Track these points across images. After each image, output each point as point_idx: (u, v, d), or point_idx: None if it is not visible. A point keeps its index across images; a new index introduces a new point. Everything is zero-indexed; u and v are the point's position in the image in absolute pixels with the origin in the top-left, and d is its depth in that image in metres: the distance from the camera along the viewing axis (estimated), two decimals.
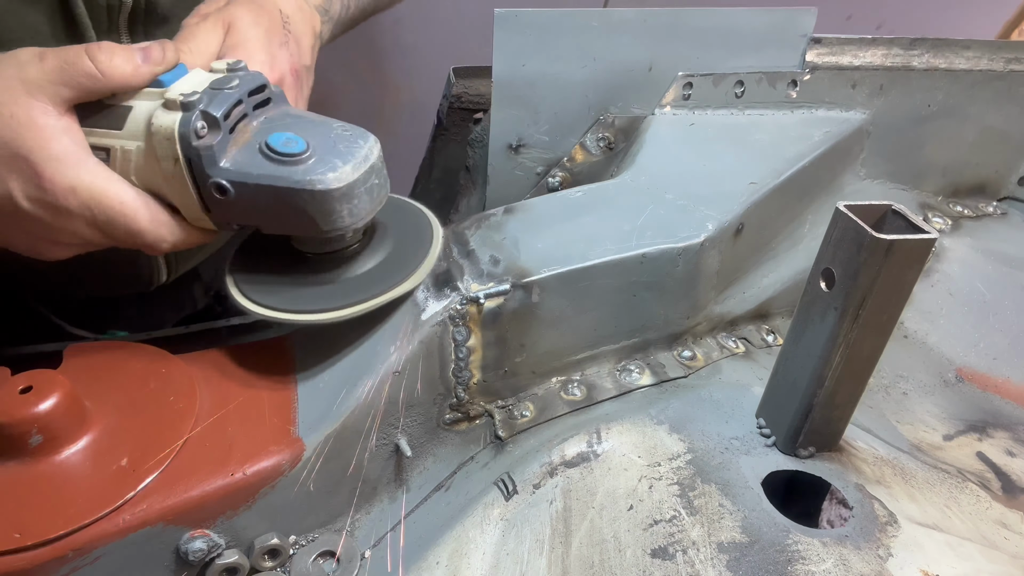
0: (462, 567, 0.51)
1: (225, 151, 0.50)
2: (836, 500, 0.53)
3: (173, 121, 0.49)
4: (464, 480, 0.59)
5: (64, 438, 0.48)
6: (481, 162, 0.83)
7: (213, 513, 0.49)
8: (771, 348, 0.73)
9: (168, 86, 0.52)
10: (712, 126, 0.79)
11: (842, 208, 0.45)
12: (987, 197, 0.93)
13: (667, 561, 0.48)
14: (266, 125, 0.53)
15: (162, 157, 0.51)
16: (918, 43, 0.81)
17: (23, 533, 0.44)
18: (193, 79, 0.53)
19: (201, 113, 0.49)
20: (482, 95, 0.86)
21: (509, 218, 0.65)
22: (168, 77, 0.53)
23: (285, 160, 0.50)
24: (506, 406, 0.62)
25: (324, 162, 0.50)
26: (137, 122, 0.51)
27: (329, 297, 0.55)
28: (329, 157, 0.51)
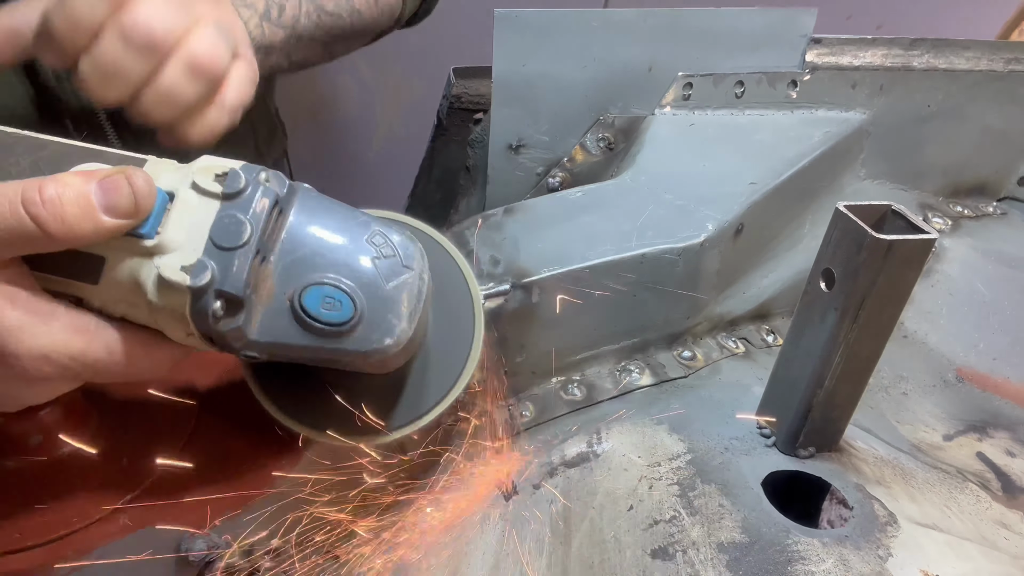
0: (462, 567, 0.51)
1: (251, 320, 0.40)
2: (836, 500, 0.53)
3: (182, 304, 0.39)
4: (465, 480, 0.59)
5: (64, 440, 0.48)
6: (481, 162, 0.82)
7: (214, 514, 0.49)
8: (771, 348, 0.73)
9: (151, 237, 0.39)
10: (712, 126, 0.79)
11: (842, 208, 0.45)
12: (987, 197, 0.93)
13: (667, 561, 0.48)
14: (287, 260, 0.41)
15: (169, 328, 0.41)
16: (918, 43, 0.81)
17: (23, 533, 0.44)
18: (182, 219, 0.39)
19: (217, 293, 0.38)
20: (482, 95, 0.86)
21: (509, 218, 0.65)
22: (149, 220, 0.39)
23: (330, 331, 0.40)
24: (506, 406, 0.62)
25: (376, 325, 0.41)
26: (119, 282, 0.40)
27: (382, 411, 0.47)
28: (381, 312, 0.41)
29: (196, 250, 0.38)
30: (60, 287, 0.40)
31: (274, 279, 0.40)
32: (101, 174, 0.38)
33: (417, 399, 0.48)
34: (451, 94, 0.87)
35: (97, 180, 0.37)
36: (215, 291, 0.38)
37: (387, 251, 0.42)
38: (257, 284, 0.40)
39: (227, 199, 0.39)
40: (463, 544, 0.53)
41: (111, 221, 0.37)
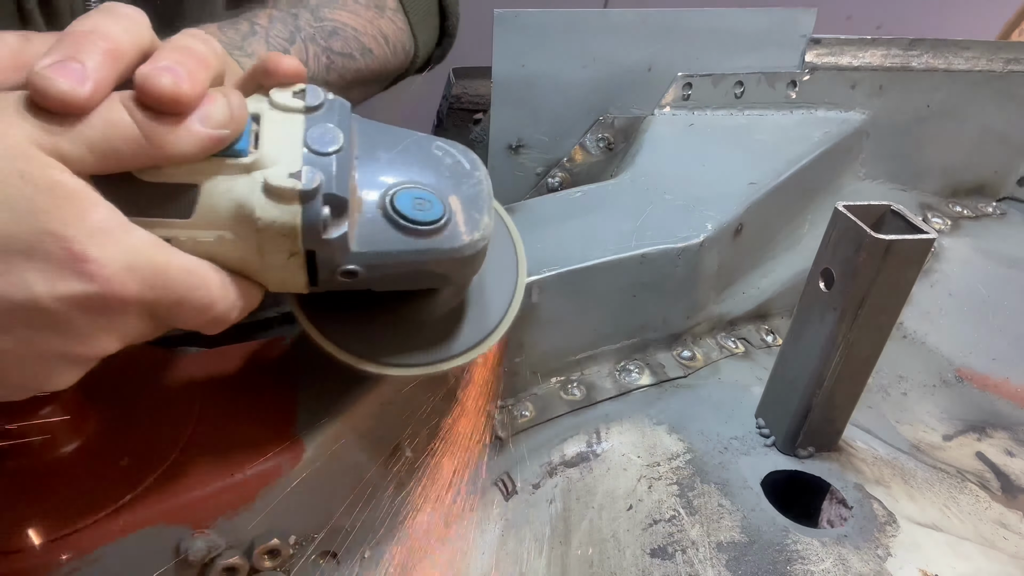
0: (462, 567, 0.51)
1: (351, 231, 0.40)
2: (835, 500, 0.53)
3: (293, 215, 0.37)
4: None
5: (65, 438, 0.48)
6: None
7: (213, 513, 0.49)
8: (770, 348, 0.73)
9: (245, 152, 0.38)
10: (711, 127, 0.79)
11: (841, 208, 0.46)
12: (986, 197, 0.93)
13: (666, 561, 0.48)
14: (369, 169, 0.42)
15: (270, 251, 0.39)
16: (917, 43, 0.81)
17: (24, 533, 0.44)
18: (273, 136, 0.39)
19: (325, 198, 0.37)
20: (482, 96, 0.87)
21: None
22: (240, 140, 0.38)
23: (425, 230, 0.41)
24: (506, 406, 0.62)
25: (464, 219, 0.42)
26: (215, 208, 0.38)
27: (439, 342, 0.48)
28: (465, 209, 0.42)
29: (296, 160, 0.38)
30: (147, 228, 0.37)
31: (361, 191, 0.41)
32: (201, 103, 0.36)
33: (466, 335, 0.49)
34: (451, 94, 0.87)
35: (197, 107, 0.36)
36: (323, 195, 0.37)
37: (452, 158, 0.44)
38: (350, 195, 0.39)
39: (310, 111, 0.40)
40: (463, 544, 0.53)
41: (207, 131, 0.36)
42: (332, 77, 0.71)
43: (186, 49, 0.37)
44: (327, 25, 0.70)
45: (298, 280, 0.41)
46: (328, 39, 0.69)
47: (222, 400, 0.54)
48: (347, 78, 0.72)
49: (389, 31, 0.77)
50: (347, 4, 0.73)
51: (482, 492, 0.56)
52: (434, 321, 0.49)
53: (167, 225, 0.38)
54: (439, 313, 0.49)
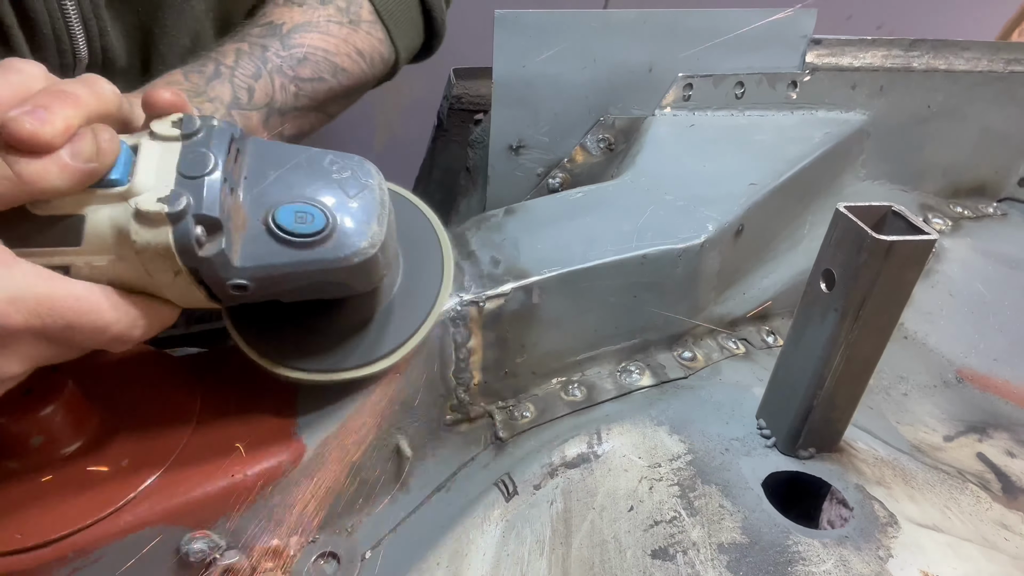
0: (463, 568, 0.51)
1: (233, 248, 0.42)
2: (836, 501, 0.53)
3: (165, 237, 0.40)
4: (465, 481, 0.59)
5: (65, 439, 0.48)
6: (481, 163, 0.83)
7: (214, 514, 0.49)
8: (771, 349, 0.73)
9: (124, 182, 0.41)
10: (712, 127, 0.79)
11: (842, 209, 0.46)
12: (987, 198, 0.93)
13: (667, 562, 0.48)
14: (255, 190, 0.44)
15: (154, 271, 0.42)
16: (918, 44, 0.81)
17: (24, 534, 0.44)
18: (148, 164, 0.41)
19: (196, 218, 0.40)
20: (482, 96, 0.87)
21: (509, 219, 0.65)
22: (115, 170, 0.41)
23: (306, 241, 0.42)
24: (506, 407, 0.62)
25: (349, 228, 0.43)
26: (101, 236, 0.41)
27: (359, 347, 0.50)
28: (351, 219, 0.44)
29: (168, 184, 0.40)
30: (45, 258, 0.41)
31: (245, 209, 0.43)
32: None
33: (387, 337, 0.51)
34: (451, 95, 0.87)
35: None
36: (193, 216, 0.40)
37: (345, 171, 0.46)
38: (230, 214, 0.42)
39: (187, 138, 0.42)
40: (463, 544, 0.53)
41: (74, 165, 0.39)
42: (302, 102, 0.72)
43: (58, 93, 0.40)
44: (296, 52, 0.70)
45: (197, 296, 0.44)
46: (296, 67, 0.70)
47: (222, 400, 0.54)
48: (319, 99, 0.73)
49: (364, 45, 0.77)
50: (319, 25, 0.73)
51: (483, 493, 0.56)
52: (349, 328, 0.51)
53: (62, 253, 0.41)
54: (354, 320, 0.51)
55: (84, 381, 0.51)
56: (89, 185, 0.40)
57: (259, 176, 0.44)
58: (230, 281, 0.42)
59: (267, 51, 0.69)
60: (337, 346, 0.51)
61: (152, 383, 0.55)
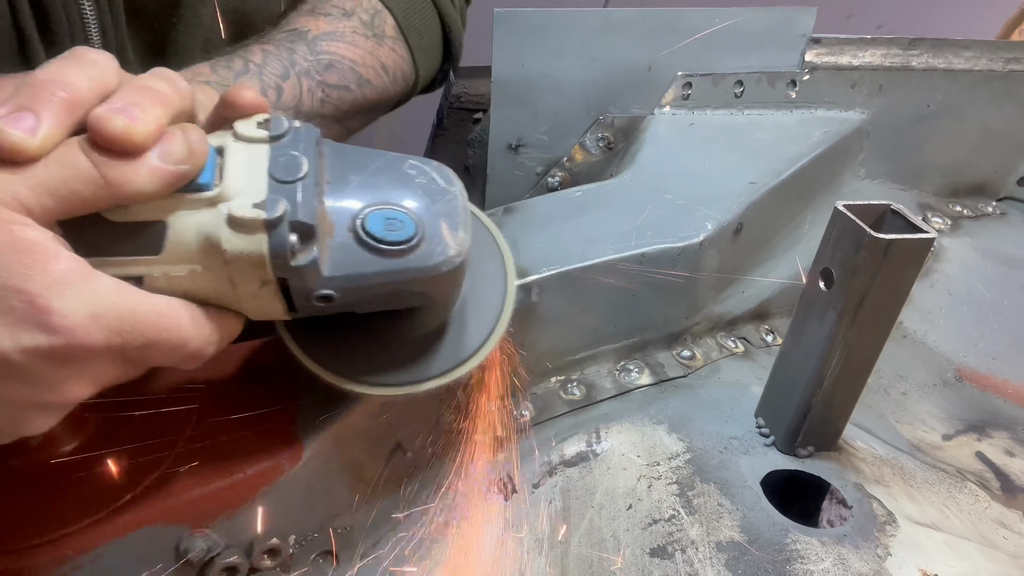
0: (462, 566, 0.51)
1: (321, 256, 0.39)
2: (835, 500, 0.53)
3: (259, 245, 0.37)
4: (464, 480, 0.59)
5: (64, 438, 0.48)
6: (481, 162, 0.83)
7: (213, 513, 0.49)
8: (770, 348, 0.73)
9: (211, 185, 0.38)
10: (711, 126, 0.79)
11: (841, 208, 0.46)
12: (986, 197, 0.93)
13: (666, 560, 0.48)
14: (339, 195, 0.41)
15: (240, 282, 0.39)
16: (917, 43, 0.81)
17: (24, 532, 0.44)
18: (237, 168, 0.39)
19: (291, 225, 0.37)
20: (482, 95, 0.87)
21: (509, 218, 0.65)
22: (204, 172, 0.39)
23: (397, 250, 0.40)
24: (505, 406, 0.62)
25: (438, 237, 0.41)
26: (184, 243, 0.38)
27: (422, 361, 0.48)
28: (439, 226, 0.42)
29: (260, 190, 0.38)
30: (119, 268, 0.38)
31: (331, 216, 0.40)
32: None
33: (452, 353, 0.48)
34: (451, 94, 0.87)
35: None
36: (289, 223, 0.37)
37: (425, 176, 0.44)
38: (319, 220, 0.39)
39: (275, 141, 0.40)
40: (463, 543, 0.53)
41: (165, 167, 0.36)
42: (327, 110, 0.70)
43: (144, 89, 0.38)
44: (323, 58, 0.69)
45: (276, 308, 0.41)
46: (323, 73, 0.69)
47: (222, 400, 0.54)
48: (343, 109, 0.72)
49: (389, 60, 0.76)
50: (345, 35, 0.72)
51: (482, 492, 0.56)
52: (417, 340, 0.48)
53: (139, 263, 0.38)
54: (423, 332, 0.48)
55: None
56: (176, 190, 0.38)
57: (341, 180, 0.42)
58: (317, 292, 0.40)
59: (294, 54, 0.67)
60: (413, 357, 0.48)
61: (152, 381, 0.55)
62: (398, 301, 0.44)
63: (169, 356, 0.39)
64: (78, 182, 0.35)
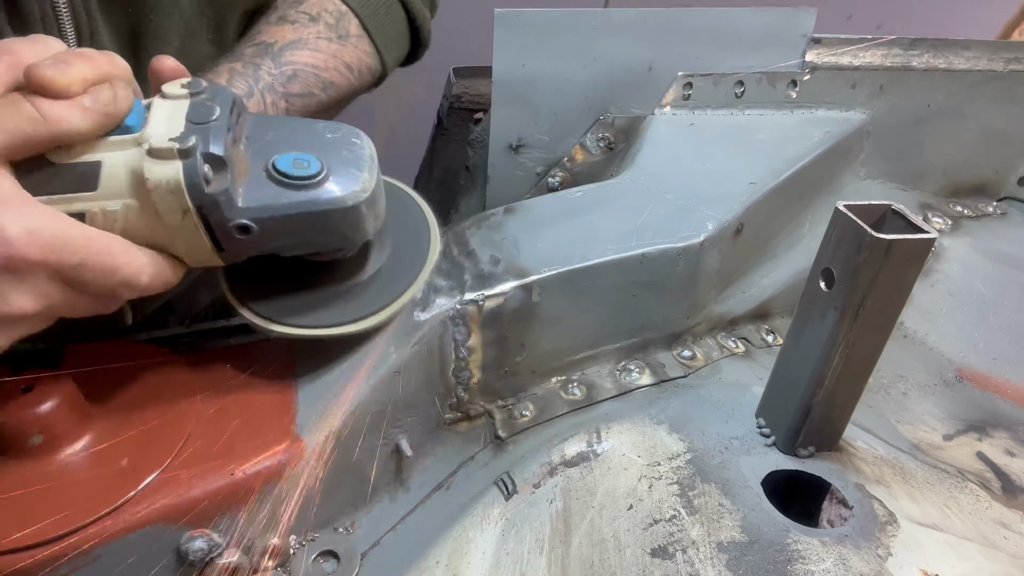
0: (462, 567, 0.51)
1: (236, 190, 0.46)
2: (836, 500, 0.53)
3: (175, 172, 0.44)
4: (464, 480, 0.59)
5: (65, 438, 0.48)
6: (481, 162, 0.83)
7: (213, 513, 0.49)
8: (771, 348, 0.73)
9: (137, 129, 0.45)
10: (712, 126, 0.79)
11: (842, 208, 0.46)
12: (987, 197, 0.93)
13: (667, 560, 0.48)
14: (256, 145, 0.49)
15: (165, 212, 0.45)
16: (918, 43, 0.81)
17: (24, 532, 0.44)
18: (160, 115, 0.46)
19: (203, 156, 0.44)
20: (482, 95, 0.86)
21: (509, 218, 0.65)
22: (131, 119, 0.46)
23: (304, 184, 0.47)
24: (506, 406, 0.62)
25: (342, 175, 0.48)
26: (116, 178, 0.45)
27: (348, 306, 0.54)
28: (344, 168, 0.48)
29: (178, 130, 0.45)
30: (63, 205, 0.44)
31: (247, 161, 0.48)
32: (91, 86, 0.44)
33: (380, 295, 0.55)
34: (451, 94, 0.87)
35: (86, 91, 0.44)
36: (201, 154, 0.44)
37: (338, 132, 0.51)
38: (234, 162, 0.46)
39: (194, 96, 0.47)
40: (463, 543, 0.53)
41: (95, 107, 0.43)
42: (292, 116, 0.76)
43: (78, 53, 0.45)
44: (287, 70, 0.73)
45: (203, 244, 0.47)
46: (287, 84, 0.74)
47: (222, 400, 0.54)
48: (308, 111, 0.77)
49: (353, 59, 0.80)
50: (308, 43, 0.76)
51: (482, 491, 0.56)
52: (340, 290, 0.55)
53: (79, 199, 0.45)
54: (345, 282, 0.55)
55: (84, 380, 0.51)
56: (106, 132, 0.45)
57: (259, 136, 0.49)
58: (234, 222, 0.46)
59: (259, 69, 0.72)
60: (328, 305, 0.54)
61: (152, 382, 0.55)
62: (313, 239, 0.50)
63: (103, 279, 0.45)
64: (22, 119, 0.42)
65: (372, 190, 0.49)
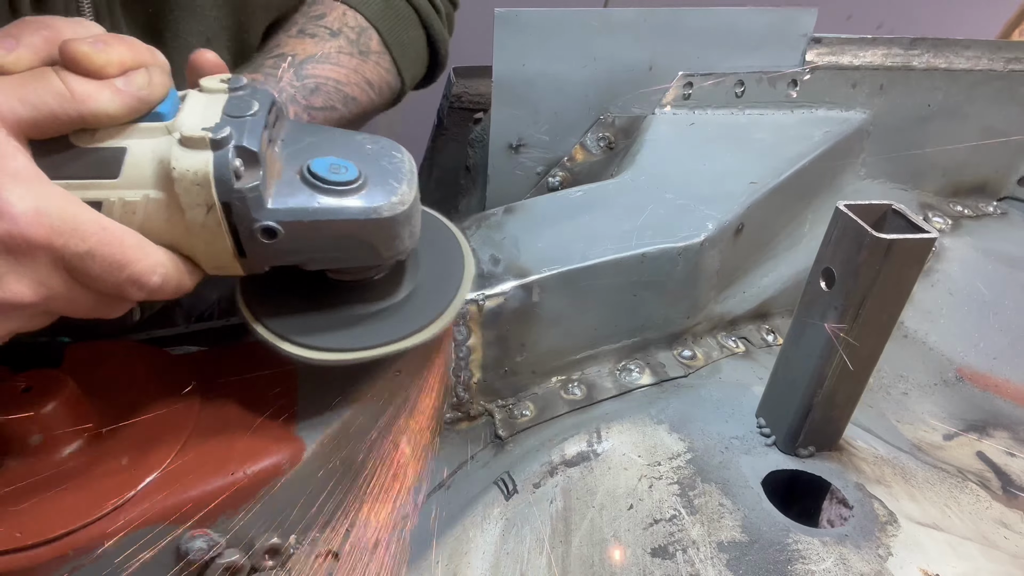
0: (462, 566, 0.51)
1: (267, 190, 0.43)
2: (836, 499, 0.53)
3: (205, 163, 0.41)
4: (464, 479, 0.59)
5: (65, 438, 0.48)
6: (481, 162, 0.83)
7: (213, 512, 0.49)
8: (771, 348, 0.73)
9: (169, 118, 0.43)
10: (712, 126, 0.79)
11: (842, 207, 0.45)
12: (987, 197, 0.93)
13: (667, 560, 0.48)
14: (291, 149, 0.46)
15: (188, 206, 0.42)
16: (918, 43, 0.81)
17: (24, 532, 0.44)
18: (195, 106, 0.44)
19: (236, 149, 0.41)
20: (482, 95, 0.86)
21: (509, 218, 0.65)
22: (164, 107, 0.44)
23: (340, 190, 0.44)
24: (506, 405, 0.62)
25: (381, 185, 0.45)
26: (140, 167, 0.42)
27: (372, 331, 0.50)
28: (382, 179, 0.46)
29: (213, 120, 0.42)
30: (80, 191, 0.41)
31: (281, 163, 0.45)
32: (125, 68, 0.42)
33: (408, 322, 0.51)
34: (451, 94, 0.87)
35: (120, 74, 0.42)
36: (234, 146, 0.41)
37: (375, 144, 0.48)
38: (268, 161, 0.43)
39: (233, 91, 0.45)
40: (463, 542, 0.53)
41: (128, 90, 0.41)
42: None
43: (119, 37, 0.43)
44: (309, 83, 0.71)
45: (224, 246, 0.44)
46: (309, 97, 0.71)
47: (222, 399, 0.54)
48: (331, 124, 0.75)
49: (373, 76, 0.78)
50: (330, 56, 0.74)
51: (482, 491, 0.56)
52: (366, 316, 0.51)
53: (98, 187, 0.42)
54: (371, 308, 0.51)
55: (84, 380, 0.51)
56: (136, 118, 0.42)
57: (296, 140, 0.47)
58: (260, 223, 0.43)
59: (280, 81, 0.70)
60: (351, 329, 0.50)
61: (152, 382, 0.55)
62: (342, 252, 0.47)
63: (111, 274, 0.41)
64: (48, 94, 0.39)
65: (410, 204, 0.46)
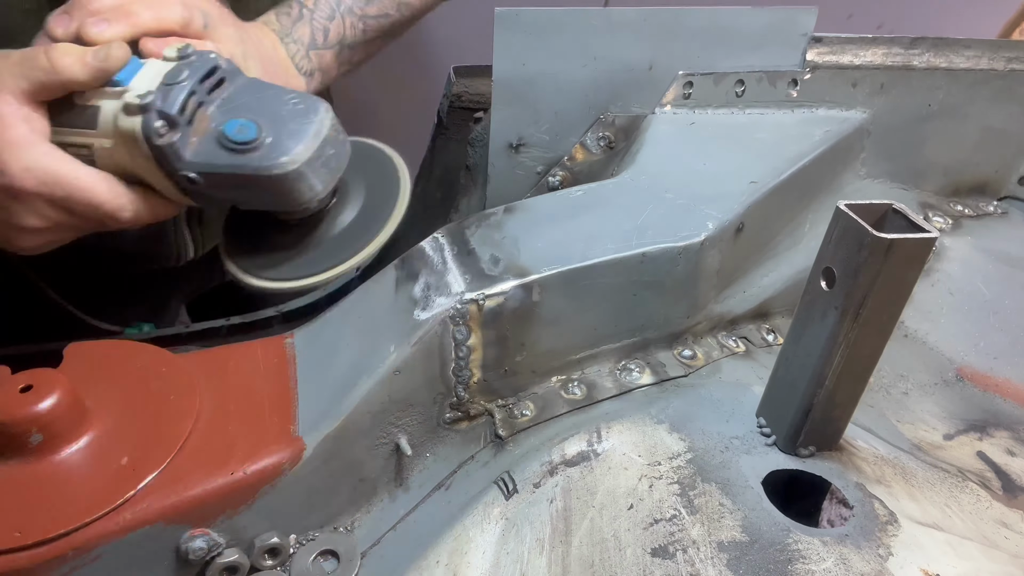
0: (462, 566, 0.51)
1: (187, 144, 0.55)
2: (836, 499, 0.53)
3: (135, 124, 0.54)
4: (464, 479, 0.59)
5: (64, 437, 0.48)
6: (481, 161, 0.82)
7: (213, 512, 0.49)
8: (771, 347, 0.73)
9: (127, 84, 0.56)
10: (712, 125, 0.79)
11: (842, 207, 0.45)
12: (988, 196, 0.93)
13: (667, 560, 0.48)
14: (222, 108, 0.57)
15: (133, 155, 0.56)
16: (919, 42, 0.81)
17: (23, 532, 0.44)
18: (148, 74, 0.56)
19: (158, 113, 0.54)
20: (482, 94, 0.86)
21: (509, 217, 0.65)
22: (125, 74, 0.56)
23: (241, 148, 0.54)
24: (506, 405, 0.62)
25: (277, 146, 0.55)
26: (107, 122, 0.56)
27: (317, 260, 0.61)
28: (281, 139, 0.55)
29: (151, 88, 0.55)
30: (75, 137, 0.57)
31: (210, 121, 0.56)
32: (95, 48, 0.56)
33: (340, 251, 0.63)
34: (451, 93, 0.87)
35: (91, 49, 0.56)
36: (156, 111, 0.54)
37: (300, 105, 0.57)
38: (195, 121, 0.56)
39: (181, 60, 0.57)
40: (463, 542, 0.53)
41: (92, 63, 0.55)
42: (369, 36, 0.86)
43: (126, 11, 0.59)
44: None
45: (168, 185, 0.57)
46: (365, 6, 0.83)
47: (222, 400, 0.54)
48: (383, 31, 0.87)
49: None
50: None
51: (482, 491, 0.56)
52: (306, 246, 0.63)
53: (85, 135, 0.57)
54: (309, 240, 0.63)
55: (83, 379, 0.51)
56: (103, 83, 0.56)
57: (234, 100, 0.58)
58: (181, 172, 0.55)
59: None
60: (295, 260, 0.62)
61: (152, 381, 0.55)
62: (259, 199, 0.58)
63: (90, 210, 0.57)
64: (38, 69, 0.54)
65: (303, 162, 0.55)
